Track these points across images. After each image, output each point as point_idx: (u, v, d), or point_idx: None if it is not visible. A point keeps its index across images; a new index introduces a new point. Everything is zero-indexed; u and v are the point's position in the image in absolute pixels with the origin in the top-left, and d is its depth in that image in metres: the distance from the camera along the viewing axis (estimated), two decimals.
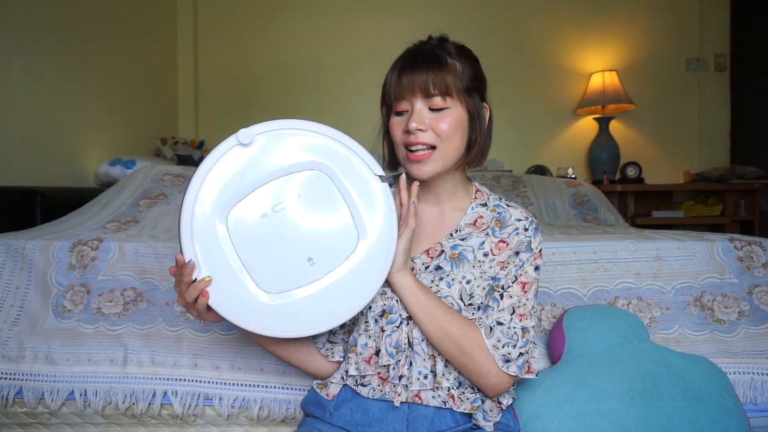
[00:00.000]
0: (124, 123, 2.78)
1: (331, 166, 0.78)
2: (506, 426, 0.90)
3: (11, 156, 1.97)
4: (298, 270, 0.77)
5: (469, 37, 0.93)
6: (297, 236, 0.77)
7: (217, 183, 0.76)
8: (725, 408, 1.00)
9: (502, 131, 3.39)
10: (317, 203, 0.78)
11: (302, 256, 0.77)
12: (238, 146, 0.76)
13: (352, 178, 0.79)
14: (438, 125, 0.84)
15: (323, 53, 3.45)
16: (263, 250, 0.76)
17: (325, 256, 0.77)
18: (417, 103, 0.85)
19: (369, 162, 0.79)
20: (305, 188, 0.77)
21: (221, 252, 0.76)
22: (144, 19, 2.99)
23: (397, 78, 0.86)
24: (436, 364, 0.86)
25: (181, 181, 1.82)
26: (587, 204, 2.20)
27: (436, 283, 0.87)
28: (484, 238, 0.90)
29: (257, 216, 0.76)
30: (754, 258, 1.26)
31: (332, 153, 0.78)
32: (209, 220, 0.75)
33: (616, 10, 3.45)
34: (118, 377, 1.15)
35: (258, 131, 0.76)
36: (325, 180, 0.78)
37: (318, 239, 0.77)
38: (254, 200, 0.76)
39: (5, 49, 1.94)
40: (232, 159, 0.76)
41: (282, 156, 0.77)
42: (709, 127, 3.45)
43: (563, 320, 1.13)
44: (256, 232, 0.76)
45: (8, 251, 1.29)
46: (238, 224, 0.76)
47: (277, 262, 0.77)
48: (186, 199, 0.76)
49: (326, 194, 0.78)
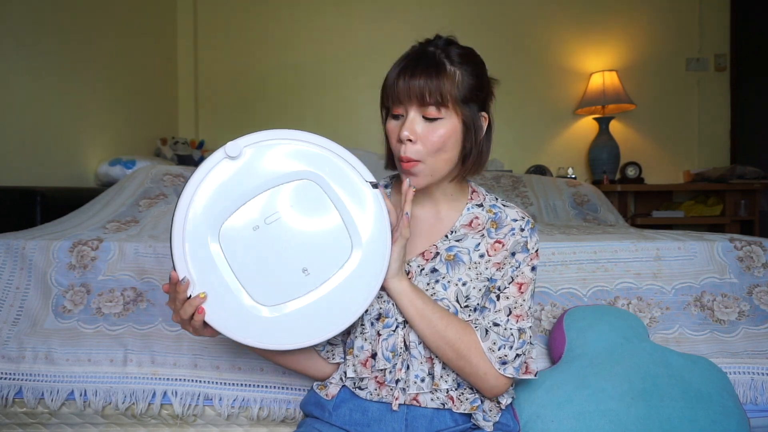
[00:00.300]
0: (124, 123, 2.78)
1: (320, 174, 0.77)
2: (506, 426, 0.90)
3: (11, 156, 1.97)
4: (294, 281, 0.76)
5: (470, 37, 0.93)
6: (290, 247, 0.76)
7: (207, 198, 0.74)
8: (725, 408, 1.00)
9: (502, 131, 3.39)
10: (309, 212, 0.77)
11: (297, 267, 0.76)
12: (227, 159, 0.75)
13: (343, 185, 0.78)
14: (428, 136, 0.82)
15: (324, 53, 3.45)
16: (257, 263, 0.75)
17: (319, 266, 0.77)
18: (411, 110, 0.83)
19: (359, 168, 0.79)
20: (296, 198, 0.77)
21: (215, 268, 0.75)
22: (144, 19, 2.99)
23: (394, 81, 0.84)
24: (434, 367, 0.86)
25: (181, 181, 1.82)
26: (587, 204, 2.20)
27: (432, 285, 0.87)
28: (480, 239, 0.90)
29: (249, 229, 0.75)
30: (754, 258, 1.26)
31: (321, 161, 0.77)
32: (201, 236, 0.74)
33: (616, 10, 3.45)
34: (118, 377, 1.16)
35: (245, 143, 0.75)
36: (315, 189, 0.77)
37: (311, 249, 0.77)
38: (246, 213, 0.75)
39: (5, 49, 1.94)
40: (221, 172, 0.75)
41: (271, 167, 0.76)
42: (709, 127, 3.45)
43: (563, 320, 1.13)
44: (249, 246, 0.75)
45: (8, 251, 1.29)
46: (230, 239, 0.75)
47: (271, 274, 0.76)
48: (176, 215, 0.75)
49: (317, 203, 0.77)
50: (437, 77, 0.81)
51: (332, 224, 0.78)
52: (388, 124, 0.88)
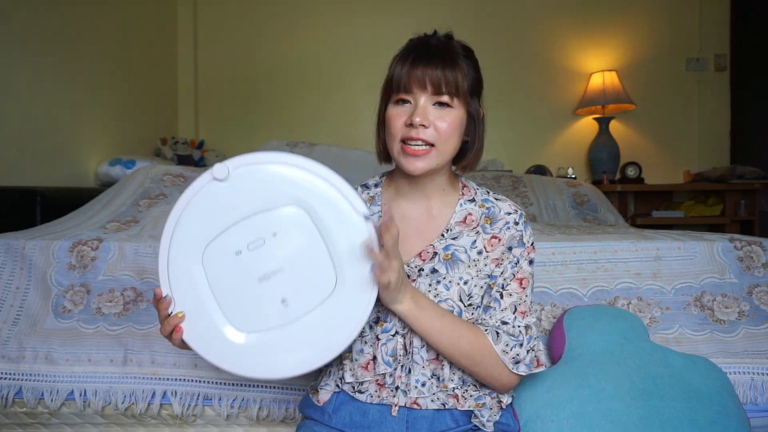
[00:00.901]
0: (124, 123, 2.78)
1: (310, 202, 0.73)
2: (506, 425, 0.89)
3: (11, 156, 1.97)
4: (272, 311, 0.73)
5: (470, 37, 0.92)
6: (271, 275, 0.73)
7: (193, 219, 0.73)
8: (725, 408, 1.00)
9: (502, 131, 3.40)
10: (294, 241, 0.73)
11: (276, 296, 0.73)
12: (214, 181, 0.73)
13: (332, 214, 0.73)
14: (439, 124, 0.84)
15: (323, 53, 3.45)
16: (237, 288, 0.73)
17: (300, 299, 0.73)
18: (422, 97, 0.84)
19: (351, 198, 0.73)
20: (282, 225, 0.73)
21: (195, 289, 0.73)
22: (144, 19, 2.99)
23: (409, 68, 0.84)
24: (442, 369, 0.85)
25: (181, 181, 1.82)
26: (587, 204, 2.20)
27: (434, 286, 0.86)
28: (476, 236, 0.89)
29: (232, 253, 0.73)
30: (754, 258, 1.26)
31: (312, 188, 0.73)
32: (184, 257, 0.73)
33: (616, 10, 3.45)
34: (118, 377, 1.16)
35: (234, 165, 0.73)
36: (303, 216, 0.73)
37: (293, 280, 0.73)
38: (230, 237, 0.73)
39: (5, 49, 1.94)
40: (208, 194, 0.73)
41: (259, 191, 0.73)
42: (709, 127, 3.45)
43: (563, 320, 1.13)
44: (231, 270, 0.73)
45: (8, 251, 1.29)
46: (213, 261, 0.73)
47: (251, 301, 0.73)
48: (163, 234, 0.74)
49: (304, 232, 0.73)
50: (452, 68, 0.83)
51: (317, 255, 0.73)
52: (390, 110, 0.87)
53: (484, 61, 0.92)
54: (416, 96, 0.84)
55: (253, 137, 3.37)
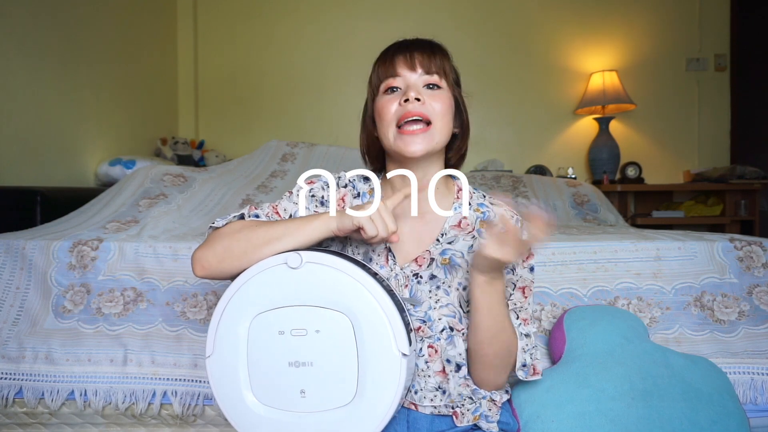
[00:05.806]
0: (124, 123, 2.78)
1: (360, 320, 0.76)
2: (506, 424, 0.89)
3: (11, 156, 1.97)
4: (290, 396, 0.77)
5: (470, 37, 0.93)
6: (300, 365, 0.77)
7: (255, 288, 0.78)
8: (725, 408, 1.00)
9: (502, 131, 3.40)
10: (332, 345, 0.76)
11: (298, 385, 0.77)
12: (285, 265, 0.78)
13: (374, 339, 0.76)
14: (432, 103, 0.83)
15: (324, 54, 3.45)
16: (268, 363, 0.77)
17: (317, 396, 0.76)
18: (413, 77, 0.84)
19: (397, 333, 0.75)
20: (328, 326, 0.76)
21: (235, 346, 0.78)
22: (144, 19, 2.99)
23: (394, 53, 0.85)
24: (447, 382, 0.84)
25: (181, 181, 1.82)
26: (587, 204, 2.20)
27: (434, 292, 0.86)
28: (471, 241, 0.88)
29: (276, 331, 0.77)
30: (754, 258, 1.26)
31: (368, 309, 0.76)
32: (238, 314, 0.78)
33: (616, 10, 3.45)
34: (118, 377, 1.16)
35: (309, 259, 0.77)
36: (349, 329, 0.76)
37: (317, 378, 0.76)
38: (281, 315, 0.77)
39: (5, 49, 1.94)
40: (276, 273, 0.78)
41: (321, 288, 0.77)
42: (709, 127, 3.45)
43: (563, 320, 1.13)
44: (269, 345, 0.77)
45: (8, 251, 1.29)
46: (257, 330, 0.78)
47: (277, 379, 0.77)
48: (225, 292, 0.79)
49: (344, 342, 0.76)
50: (439, 53, 0.87)
51: (346, 367, 0.76)
52: (380, 100, 0.86)
53: (484, 61, 0.93)
54: (406, 77, 0.85)
55: (253, 137, 3.38)
